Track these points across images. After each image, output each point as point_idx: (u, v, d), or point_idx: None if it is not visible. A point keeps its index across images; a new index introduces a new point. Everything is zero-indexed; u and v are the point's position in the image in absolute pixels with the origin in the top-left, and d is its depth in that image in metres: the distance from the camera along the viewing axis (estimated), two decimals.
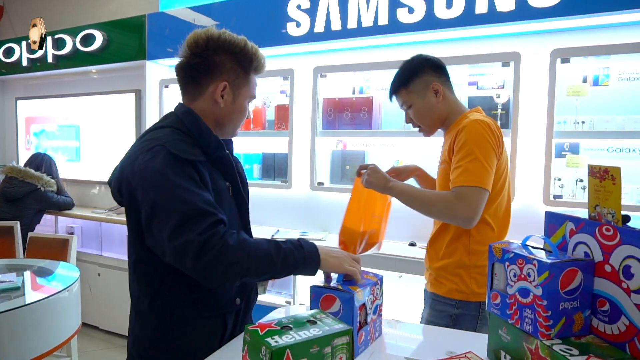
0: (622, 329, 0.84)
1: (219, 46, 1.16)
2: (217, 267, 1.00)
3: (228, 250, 1.00)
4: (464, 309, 1.55)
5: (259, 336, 0.80)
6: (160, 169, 1.04)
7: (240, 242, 1.03)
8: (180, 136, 1.13)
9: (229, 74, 1.18)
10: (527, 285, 0.90)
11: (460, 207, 1.41)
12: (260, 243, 1.07)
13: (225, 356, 1.07)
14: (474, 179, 1.40)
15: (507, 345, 0.96)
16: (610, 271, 0.86)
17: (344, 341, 0.84)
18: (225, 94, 1.18)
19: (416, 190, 1.58)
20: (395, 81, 1.64)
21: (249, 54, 1.19)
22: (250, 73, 1.22)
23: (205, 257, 0.98)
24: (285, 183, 2.91)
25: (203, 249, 0.98)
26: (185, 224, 0.99)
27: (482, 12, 2.31)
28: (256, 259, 1.04)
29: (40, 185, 3.58)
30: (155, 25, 3.44)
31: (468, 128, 1.46)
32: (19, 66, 4.23)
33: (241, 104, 1.22)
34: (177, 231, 0.99)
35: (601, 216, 0.88)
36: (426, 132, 1.67)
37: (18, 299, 1.83)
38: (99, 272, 3.61)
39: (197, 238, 0.98)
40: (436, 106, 1.59)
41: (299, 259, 1.08)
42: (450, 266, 1.56)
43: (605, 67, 2.15)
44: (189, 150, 1.09)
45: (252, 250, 1.04)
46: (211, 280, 1.03)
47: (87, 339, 3.48)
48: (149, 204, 1.04)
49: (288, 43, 2.86)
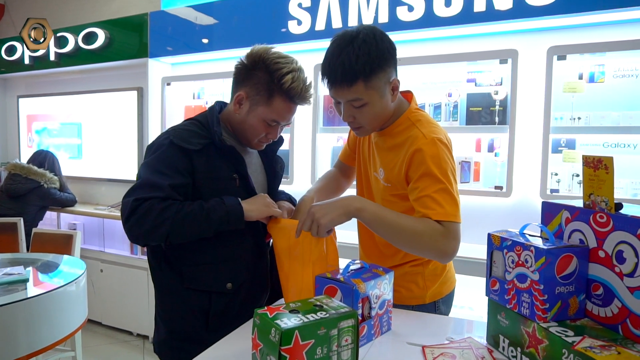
0: (615, 312, 0.88)
1: (261, 62, 1.23)
2: (142, 225, 1.13)
3: (154, 212, 1.13)
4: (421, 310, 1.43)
5: (268, 319, 0.84)
6: (155, 147, 1.23)
7: (168, 206, 1.14)
8: (193, 127, 1.26)
9: (252, 88, 1.24)
10: (525, 271, 0.94)
11: (451, 244, 1.17)
12: (184, 204, 1.17)
13: (234, 340, 1.10)
14: (455, 214, 1.19)
15: (506, 329, 1.01)
16: (603, 257, 0.90)
17: (349, 324, 0.88)
18: (244, 104, 1.27)
19: (393, 213, 1.20)
20: (352, 69, 1.18)
21: (281, 80, 1.21)
22: (274, 96, 1.23)
23: (133, 217, 1.13)
24: (286, 179, 2.95)
25: (133, 211, 1.13)
26: (136, 189, 1.17)
27: (480, 10, 2.34)
28: (180, 218, 1.14)
29: (43, 182, 3.61)
30: (157, 23, 3.47)
31: (430, 154, 1.22)
32: (21, 64, 4.25)
33: (254, 120, 1.26)
34: (128, 192, 1.18)
35: (595, 204, 0.92)
36: (365, 133, 1.35)
37: (27, 290, 1.87)
38: (101, 268, 3.64)
39: (133, 202, 1.14)
40: (389, 106, 1.28)
41: (221, 213, 1.18)
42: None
43: (601, 64, 2.19)
44: (189, 141, 1.21)
45: (175, 211, 1.14)
46: (136, 239, 1.18)
47: (90, 334, 3.52)
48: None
49: (289, 41, 2.90)
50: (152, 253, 1.31)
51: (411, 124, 1.30)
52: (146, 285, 3.40)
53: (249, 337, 1.08)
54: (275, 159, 1.45)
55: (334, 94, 1.26)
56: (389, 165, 1.33)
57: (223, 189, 1.24)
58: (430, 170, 1.20)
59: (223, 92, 3.29)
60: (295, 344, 0.80)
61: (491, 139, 2.44)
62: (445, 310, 1.46)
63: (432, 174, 1.20)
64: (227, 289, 1.27)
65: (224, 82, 3.23)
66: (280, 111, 1.25)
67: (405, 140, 1.28)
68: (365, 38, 1.19)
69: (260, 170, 1.42)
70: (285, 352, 0.80)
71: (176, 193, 1.18)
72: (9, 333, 1.71)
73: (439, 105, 2.53)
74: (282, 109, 1.25)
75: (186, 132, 1.24)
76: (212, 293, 1.26)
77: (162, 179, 1.17)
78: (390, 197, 1.34)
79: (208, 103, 3.34)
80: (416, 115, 1.32)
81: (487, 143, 2.45)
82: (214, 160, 1.24)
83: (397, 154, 1.30)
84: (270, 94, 1.23)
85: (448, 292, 1.47)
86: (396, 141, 1.31)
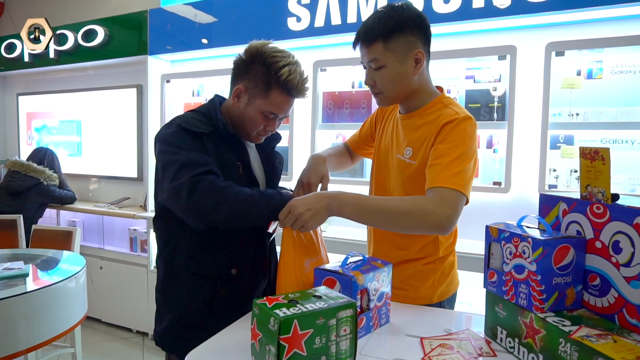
0: (611, 301, 0.89)
1: (258, 56, 1.25)
2: (207, 202, 1.13)
3: (216, 190, 1.14)
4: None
5: (267, 308, 0.85)
6: (169, 136, 1.24)
7: (228, 185, 1.17)
8: (198, 115, 1.30)
9: (250, 82, 1.27)
10: (522, 262, 0.95)
11: (445, 211, 1.16)
12: (245, 189, 1.20)
13: (234, 331, 1.11)
14: (459, 183, 1.18)
15: (503, 320, 1.01)
16: (600, 247, 0.91)
17: (348, 314, 0.89)
18: (242, 98, 1.29)
19: (376, 199, 1.23)
20: (373, 28, 1.25)
21: (278, 73, 1.23)
22: (271, 89, 1.25)
23: (196, 194, 1.13)
24: (286, 176, 2.95)
25: (194, 187, 1.13)
26: (181, 170, 1.16)
27: (479, 6, 2.35)
28: (242, 199, 1.16)
29: (43, 179, 3.61)
30: (157, 21, 3.48)
31: (461, 127, 1.24)
32: (21, 62, 4.25)
33: (252, 112, 1.28)
34: (175, 176, 1.16)
35: (592, 195, 0.93)
36: (385, 102, 1.37)
37: (26, 285, 1.87)
38: (100, 265, 3.64)
39: (190, 179, 1.14)
40: (410, 77, 1.29)
41: (278, 203, 1.20)
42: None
43: (599, 60, 2.20)
44: (197, 125, 1.24)
45: (239, 192, 1.17)
46: (200, 216, 1.15)
47: (89, 331, 3.52)
48: (160, 162, 1.25)
49: (288, 38, 2.90)
50: (167, 239, 1.32)
51: (443, 106, 1.32)
52: (145, 282, 3.41)
53: (247, 328, 1.09)
54: (273, 154, 1.47)
55: (361, 56, 1.33)
56: (418, 141, 1.32)
57: (228, 175, 1.25)
58: (455, 142, 1.22)
59: (222, 89, 3.29)
60: (294, 333, 0.81)
61: (490, 135, 2.45)
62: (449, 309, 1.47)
63: (454, 145, 1.22)
64: (232, 275, 1.29)
65: (224, 80, 3.24)
66: (277, 104, 1.27)
67: (437, 118, 1.29)
68: (394, 5, 1.28)
69: (258, 165, 1.43)
70: (284, 341, 0.80)
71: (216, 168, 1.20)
72: (8, 327, 1.72)
73: None
74: (280, 101, 1.27)
75: (191, 118, 1.27)
76: (217, 279, 1.28)
77: (199, 155, 1.19)
78: (416, 175, 1.32)
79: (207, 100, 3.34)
80: (449, 100, 1.35)
81: (485, 139, 2.45)
82: (218, 147, 1.27)
83: (428, 129, 1.30)
84: (267, 86, 1.25)
85: (453, 292, 1.48)
86: (427, 119, 1.32)
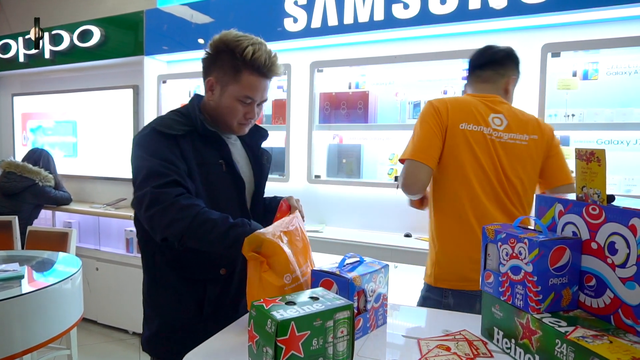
0: (607, 302, 0.89)
1: (222, 44, 1.24)
2: (162, 217, 1.10)
3: (176, 206, 1.10)
4: (430, 292, 1.60)
5: (264, 310, 0.85)
6: (141, 139, 1.22)
7: (191, 205, 1.12)
8: (176, 116, 1.27)
9: (219, 71, 1.25)
10: (519, 263, 0.95)
11: (400, 180, 1.54)
12: (211, 212, 1.13)
13: (231, 332, 1.10)
14: (407, 152, 1.54)
15: (500, 321, 1.01)
16: (596, 248, 0.91)
17: (345, 315, 0.89)
18: (215, 89, 1.27)
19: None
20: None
21: (243, 54, 1.20)
22: (241, 72, 1.23)
23: (154, 208, 1.11)
24: (282, 176, 2.95)
25: (155, 200, 1.11)
26: (145, 180, 1.14)
27: (475, 7, 2.36)
28: (201, 222, 1.10)
29: (38, 180, 3.59)
30: (153, 21, 3.47)
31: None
32: (16, 62, 4.23)
33: (227, 100, 1.26)
34: (139, 185, 1.15)
35: (588, 196, 0.93)
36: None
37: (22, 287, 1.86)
38: (97, 266, 3.63)
39: (151, 191, 1.11)
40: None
41: (241, 234, 1.09)
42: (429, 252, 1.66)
43: (595, 61, 2.21)
44: (172, 127, 1.22)
45: (200, 214, 1.10)
46: (154, 230, 1.13)
47: (85, 333, 3.51)
48: (132, 166, 1.22)
49: (285, 38, 2.90)
50: (145, 245, 1.30)
51: None
52: (141, 284, 3.39)
53: (244, 330, 1.09)
54: (261, 152, 1.44)
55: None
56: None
57: (211, 174, 1.24)
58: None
59: None
60: (291, 335, 0.81)
61: None
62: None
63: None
64: (221, 275, 1.27)
65: None
66: (249, 86, 1.24)
67: None
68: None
69: (245, 162, 1.41)
70: (282, 343, 0.80)
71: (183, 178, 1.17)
72: (4, 329, 1.70)
73: None
74: (252, 82, 1.24)
75: (168, 119, 1.25)
76: (206, 281, 1.26)
77: (164, 164, 1.16)
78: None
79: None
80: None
81: None
82: (198, 147, 1.25)
83: None
84: (236, 70, 1.23)
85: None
86: None
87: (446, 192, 1.55)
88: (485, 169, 1.51)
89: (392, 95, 2.76)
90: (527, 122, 1.56)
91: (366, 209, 2.87)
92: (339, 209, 2.95)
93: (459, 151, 1.51)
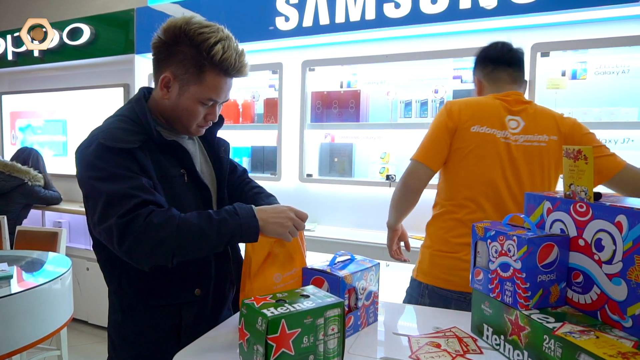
0: (594, 298, 0.90)
1: (184, 35, 1.07)
2: (141, 247, 0.97)
3: (151, 230, 0.96)
4: (410, 287, 1.67)
5: (255, 308, 0.85)
6: (89, 159, 1.04)
7: (167, 220, 0.98)
8: (124, 124, 1.10)
9: (178, 67, 1.08)
10: (508, 260, 0.96)
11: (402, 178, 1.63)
12: (190, 217, 1.01)
13: (221, 331, 1.10)
14: (416, 153, 1.60)
15: (489, 318, 1.02)
16: (583, 245, 0.93)
17: (335, 313, 0.89)
18: (172, 87, 1.11)
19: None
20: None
21: (211, 52, 1.06)
22: (205, 72, 1.08)
23: (128, 240, 0.96)
24: (274, 175, 2.95)
25: (125, 231, 0.96)
26: (108, 209, 0.98)
27: (465, 7, 2.37)
28: (186, 234, 0.98)
29: (28, 179, 3.55)
30: (144, 19, 3.45)
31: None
32: (4, 60, 4.18)
33: (187, 102, 1.11)
34: (101, 216, 0.99)
35: (575, 194, 0.94)
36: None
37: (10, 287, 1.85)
38: (87, 266, 3.60)
39: (117, 221, 0.96)
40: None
41: (234, 227, 1.02)
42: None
43: (583, 61, 2.24)
44: (124, 139, 1.05)
45: (181, 226, 0.98)
46: (139, 262, 0.99)
47: (75, 333, 3.48)
48: (82, 190, 1.07)
49: (277, 37, 2.90)
50: (112, 271, 1.15)
51: None
52: None
53: (235, 328, 1.09)
54: (217, 142, 1.30)
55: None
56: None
57: (174, 186, 1.12)
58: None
59: None
60: (281, 333, 0.81)
61: None
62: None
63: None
64: (196, 296, 1.15)
65: None
66: (214, 87, 1.10)
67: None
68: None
69: (204, 160, 1.29)
70: (272, 340, 0.80)
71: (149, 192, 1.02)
72: None
73: (425, 101, 2.55)
74: (217, 84, 1.10)
75: (117, 130, 1.07)
76: (181, 304, 1.14)
77: (123, 187, 0.99)
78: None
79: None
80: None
81: None
82: (157, 158, 1.11)
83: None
84: (200, 69, 1.08)
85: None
86: None
87: (447, 192, 1.59)
88: (489, 171, 1.51)
89: (384, 94, 2.77)
90: (548, 123, 1.55)
91: (358, 208, 2.88)
92: (330, 207, 2.96)
93: (465, 153, 1.53)
